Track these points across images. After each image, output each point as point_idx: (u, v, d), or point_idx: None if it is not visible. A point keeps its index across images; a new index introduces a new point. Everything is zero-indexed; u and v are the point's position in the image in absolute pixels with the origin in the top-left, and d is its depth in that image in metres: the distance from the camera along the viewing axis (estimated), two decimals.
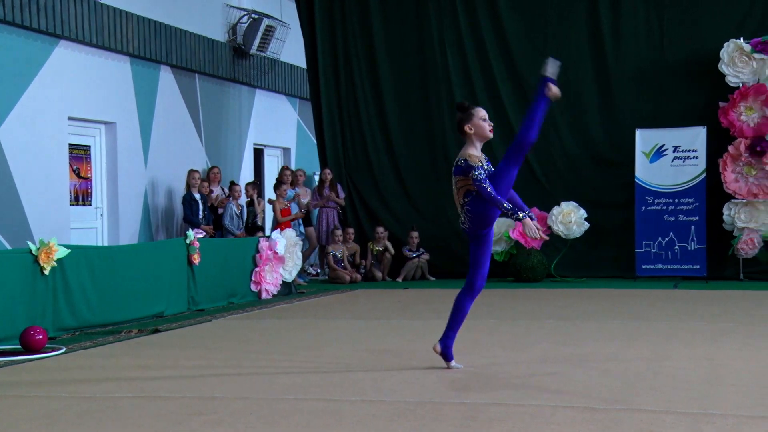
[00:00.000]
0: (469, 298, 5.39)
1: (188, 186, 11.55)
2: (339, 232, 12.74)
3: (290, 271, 10.59)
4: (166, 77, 12.24)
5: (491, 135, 5.36)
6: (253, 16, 13.61)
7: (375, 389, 4.95)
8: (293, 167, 14.35)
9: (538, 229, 5.07)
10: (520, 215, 5.11)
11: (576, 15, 12.42)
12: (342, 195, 13.32)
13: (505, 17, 12.69)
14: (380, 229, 12.90)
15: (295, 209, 12.45)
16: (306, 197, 13.07)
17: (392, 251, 12.82)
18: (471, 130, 5.28)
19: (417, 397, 4.72)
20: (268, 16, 13.73)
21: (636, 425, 4.01)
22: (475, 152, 5.26)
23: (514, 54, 12.66)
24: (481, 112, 5.32)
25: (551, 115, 12.52)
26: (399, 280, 12.60)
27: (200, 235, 9.28)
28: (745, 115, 11.17)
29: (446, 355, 5.45)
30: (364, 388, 4.98)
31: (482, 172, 5.17)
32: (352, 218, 13.50)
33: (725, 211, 11.27)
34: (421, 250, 12.78)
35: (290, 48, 14.32)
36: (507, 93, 12.71)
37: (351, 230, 12.96)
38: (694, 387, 4.81)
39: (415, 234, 12.74)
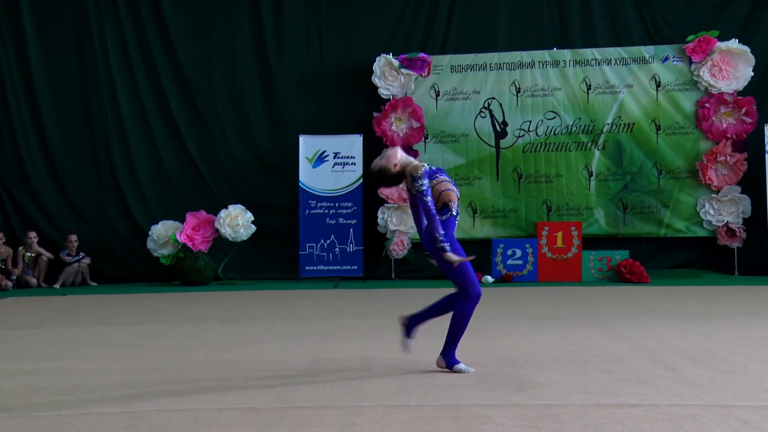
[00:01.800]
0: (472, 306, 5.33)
1: None
2: None
3: None
4: None
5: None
6: None
7: (25, 404, 4.64)
8: None
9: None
10: (447, 247, 5.15)
11: (240, 21, 12.59)
12: None
13: (169, 18, 12.51)
14: (32, 234, 12.05)
15: None
16: None
17: (49, 256, 12.04)
18: (398, 166, 5.35)
19: (74, 409, 4.51)
20: None
21: (295, 421, 4.20)
22: (416, 163, 5.34)
23: (179, 55, 12.52)
24: (397, 151, 5.40)
25: (218, 119, 12.62)
26: (56, 286, 11.87)
27: None
28: (396, 126, 12.13)
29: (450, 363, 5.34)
30: (14, 405, 4.64)
31: (426, 182, 5.20)
32: (2, 221, 12.46)
33: (379, 214, 12.12)
34: (81, 254, 12.16)
35: None
36: (173, 95, 12.52)
37: (0, 234, 11.95)
38: (349, 382, 5.14)
39: (73, 237, 12.09)
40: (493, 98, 12.25)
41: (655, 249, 12.22)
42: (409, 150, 12.12)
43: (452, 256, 5.17)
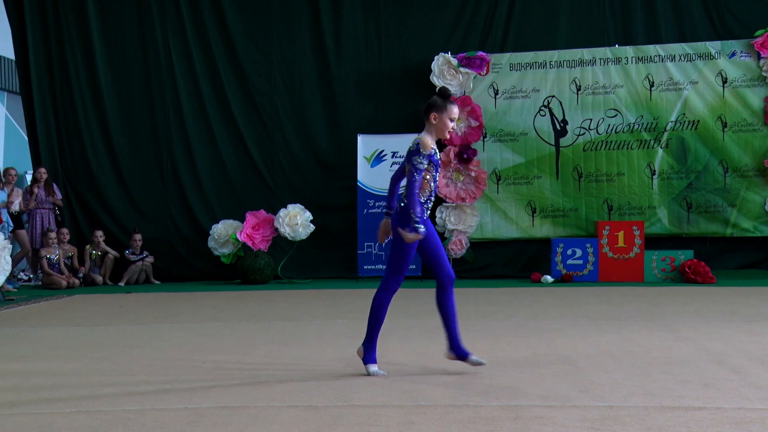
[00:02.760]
0: (445, 293, 5.26)
1: None
2: (53, 234, 12.01)
3: None
4: None
5: (447, 137, 5.33)
6: None
7: (92, 399, 4.74)
8: (1, 166, 13.26)
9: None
10: (421, 230, 5.05)
11: (300, 21, 12.68)
12: (59, 195, 12.55)
13: (230, 20, 12.67)
14: (99, 233, 12.34)
15: (4, 214, 11.52)
16: (18, 197, 12.17)
17: (115, 254, 12.31)
18: (435, 120, 5.20)
19: (138, 404, 4.59)
20: None
21: (354, 420, 4.21)
22: (430, 140, 5.18)
23: (240, 55, 12.67)
24: (454, 112, 5.26)
25: (277, 119, 12.74)
26: (121, 284, 12.13)
27: None
28: (454, 125, 12.05)
29: (462, 355, 5.29)
30: (80, 399, 4.75)
31: (425, 164, 5.08)
32: (70, 220, 12.78)
33: (438, 213, 12.09)
34: (145, 252, 12.40)
35: None
36: (234, 95, 12.69)
37: (65, 230, 12.26)
38: (407, 381, 5.13)
39: (138, 236, 12.34)
40: (553, 96, 12.11)
41: (721, 249, 11.94)
42: (467, 148, 12.07)
43: (409, 235, 5.05)
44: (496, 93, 12.17)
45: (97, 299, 10.40)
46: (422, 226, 5.07)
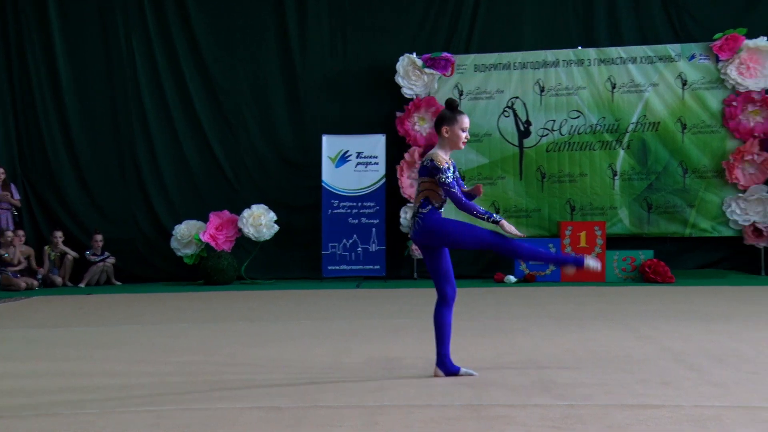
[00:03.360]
0: (447, 309, 5.19)
1: None
2: (10, 233, 11.84)
3: None
4: None
5: (462, 147, 5.26)
6: None
7: (52, 402, 4.68)
8: None
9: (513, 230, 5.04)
10: (497, 218, 5.02)
11: (265, 20, 12.64)
12: (17, 196, 12.36)
13: (194, 18, 12.58)
14: (57, 234, 12.18)
15: None
16: None
17: (74, 255, 12.15)
18: (447, 134, 5.16)
19: (99, 407, 4.54)
20: None
21: (317, 421, 4.20)
22: (443, 154, 5.14)
23: (204, 54, 12.58)
24: (465, 122, 5.19)
25: (242, 119, 12.67)
26: (82, 285, 11.98)
27: None
28: (419, 125, 12.12)
29: (452, 372, 5.16)
30: (40, 402, 4.68)
31: (450, 176, 5.05)
32: (29, 221, 12.59)
33: (402, 214, 12.12)
34: (106, 253, 12.26)
35: None
36: (197, 94, 12.61)
37: (21, 232, 12.07)
38: (371, 381, 5.13)
39: (98, 237, 12.20)
40: (517, 97, 12.20)
41: (680, 249, 12.12)
42: (431, 149, 12.10)
43: (509, 228, 5.04)
44: (461, 94, 12.22)
45: (55, 301, 10.27)
46: (497, 215, 5.11)
